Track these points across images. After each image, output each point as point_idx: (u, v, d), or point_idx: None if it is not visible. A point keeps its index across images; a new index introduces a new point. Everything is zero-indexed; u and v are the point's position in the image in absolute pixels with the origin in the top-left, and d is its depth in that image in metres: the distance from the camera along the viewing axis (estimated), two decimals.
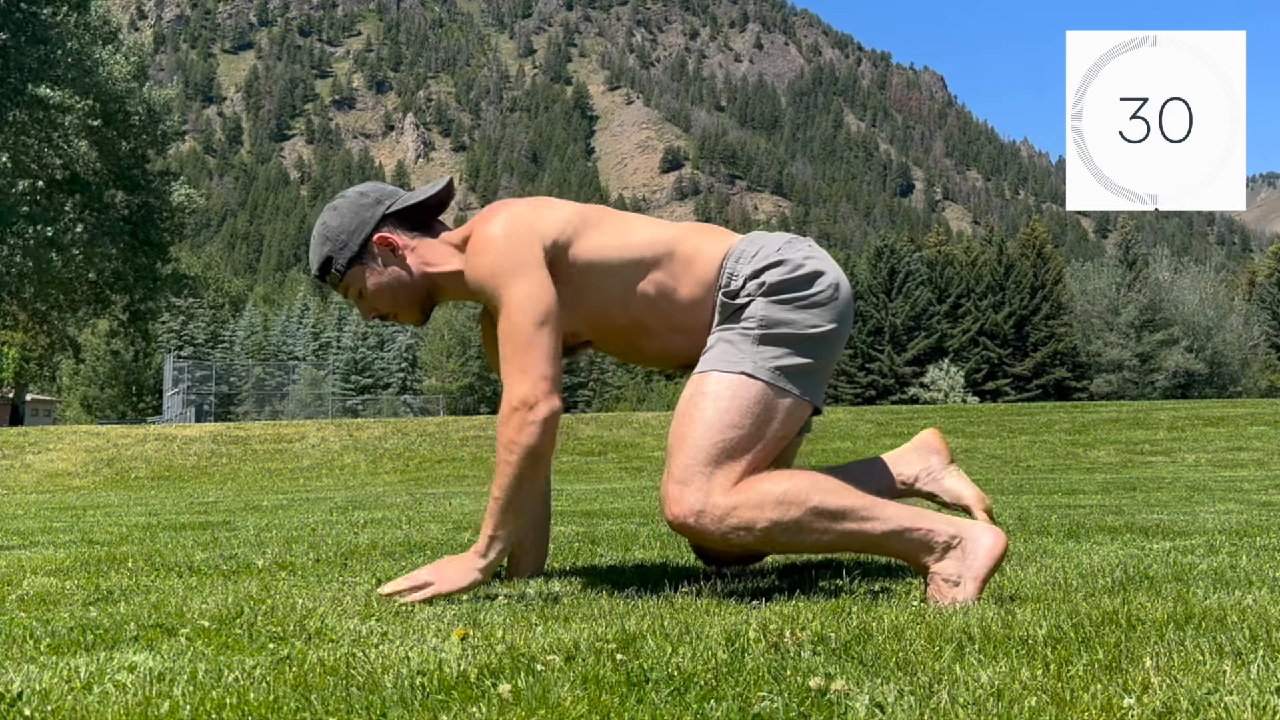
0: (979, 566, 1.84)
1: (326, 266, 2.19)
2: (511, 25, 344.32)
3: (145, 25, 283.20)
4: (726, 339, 2.02)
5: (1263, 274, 62.80)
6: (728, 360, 1.99)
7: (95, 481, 13.70)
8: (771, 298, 2.00)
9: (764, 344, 1.98)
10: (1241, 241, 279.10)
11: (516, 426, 1.95)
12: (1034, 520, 3.77)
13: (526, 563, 2.35)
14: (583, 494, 7.10)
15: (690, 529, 1.91)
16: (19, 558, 3.13)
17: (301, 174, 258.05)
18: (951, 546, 1.86)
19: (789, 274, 2.01)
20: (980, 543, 1.86)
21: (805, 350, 2.00)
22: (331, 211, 2.20)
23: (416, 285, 2.18)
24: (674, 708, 1.15)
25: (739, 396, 1.95)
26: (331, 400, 52.24)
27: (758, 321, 1.99)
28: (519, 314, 1.98)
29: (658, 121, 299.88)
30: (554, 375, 1.98)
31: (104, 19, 26.77)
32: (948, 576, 1.85)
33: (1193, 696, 1.12)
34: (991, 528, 1.89)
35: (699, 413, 1.96)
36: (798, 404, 2.00)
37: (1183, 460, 13.00)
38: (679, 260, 2.07)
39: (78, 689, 1.31)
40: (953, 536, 1.87)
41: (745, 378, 1.96)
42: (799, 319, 1.99)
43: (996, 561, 1.85)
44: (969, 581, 1.84)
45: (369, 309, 2.23)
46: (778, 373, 1.97)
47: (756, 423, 1.95)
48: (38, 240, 23.17)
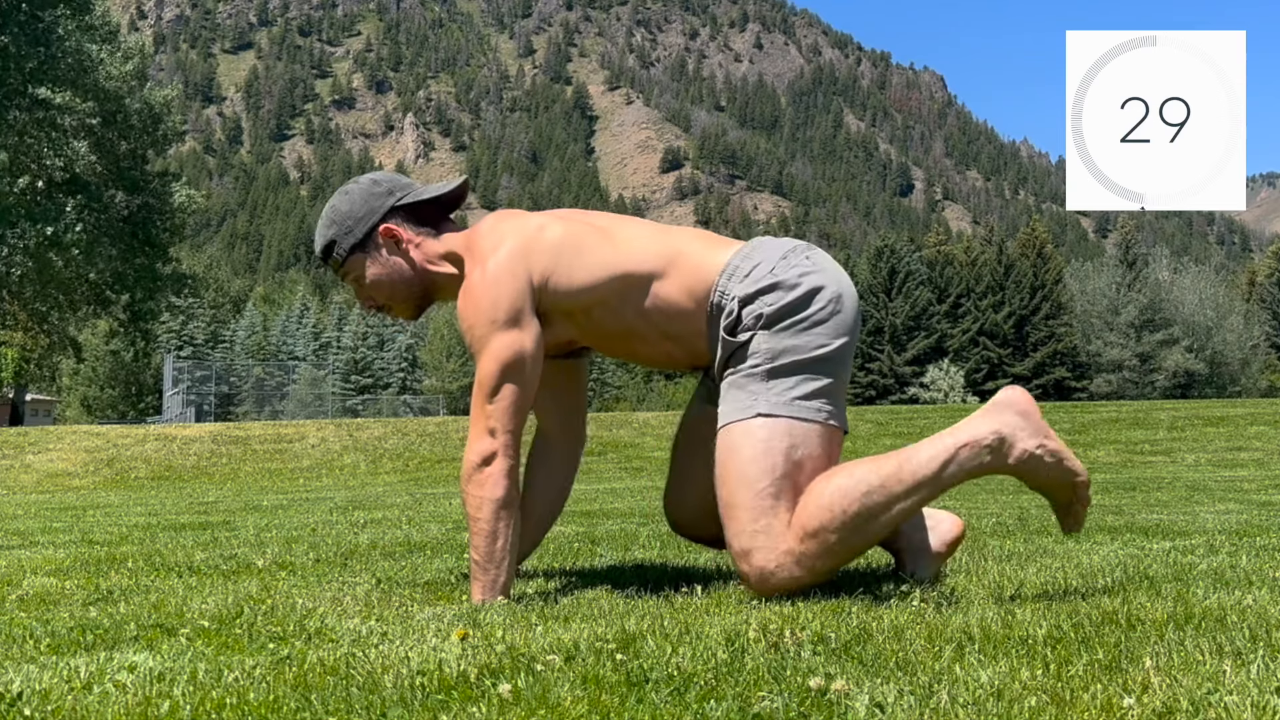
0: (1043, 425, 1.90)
1: (329, 250, 2.19)
2: (511, 25, 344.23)
3: (145, 25, 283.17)
4: (736, 384, 1.99)
5: (1263, 274, 62.81)
6: (741, 407, 1.96)
7: (95, 481, 13.69)
8: (771, 329, 1.97)
9: (773, 378, 1.95)
10: (1241, 241, 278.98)
11: (479, 483, 1.99)
12: (1034, 520, 3.77)
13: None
14: (583, 494, 7.10)
15: (778, 588, 1.91)
16: (19, 558, 3.13)
17: (301, 174, 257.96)
18: (1001, 436, 1.88)
19: (785, 298, 1.97)
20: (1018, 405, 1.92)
21: (817, 372, 1.96)
22: (343, 195, 2.20)
23: (415, 281, 2.18)
24: (674, 708, 1.15)
25: (762, 440, 1.93)
26: (331, 400, 52.23)
27: (763, 356, 1.96)
28: (492, 364, 2.00)
29: (658, 121, 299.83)
30: (516, 429, 2.01)
31: (104, 19, 26.77)
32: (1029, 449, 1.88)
33: (1193, 696, 1.12)
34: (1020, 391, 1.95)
35: (730, 474, 1.94)
36: (824, 430, 1.97)
37: (1183, 460, 13.00)
38: (671, 272, 2.05)
39: (78, 689, 1.31)
40: (993, 431, 1.89)
41: (762, 419, 1.94)
42: (803, 342, 1.96)
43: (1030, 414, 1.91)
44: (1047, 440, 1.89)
45: (366, 297, 2.23)
46: (795, 404, 1.95)
47: (788, 459, 1.92)
48: (38, 240, 23.17)
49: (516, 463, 2.01)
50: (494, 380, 2.00)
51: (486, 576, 2.00)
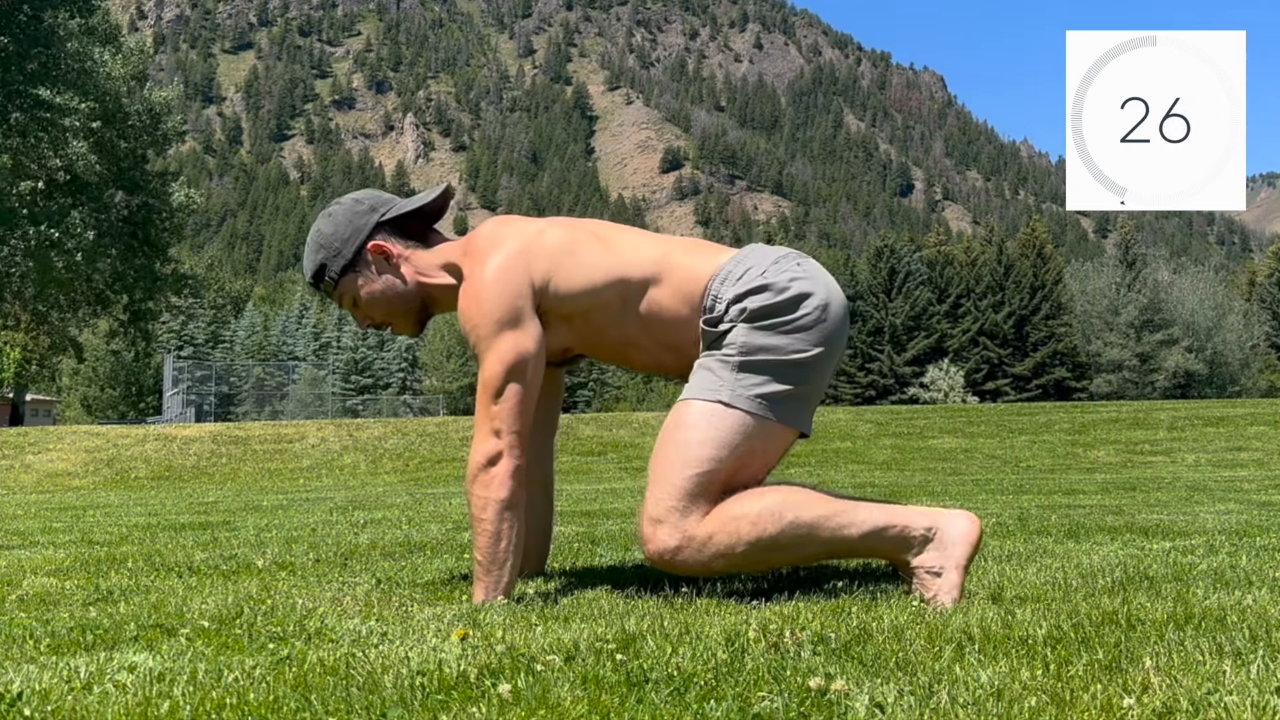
0: (958, 554, 1.85)
1: (320, 274, 2.18)
2: (511, 25, 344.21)
3: (145, 25, 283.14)
4: (707, 365, 2.00)
5: (1263, 274, 62.80)
6: (706, 389, 1.97)
7: (95, 482, 13.69)
8: (753, 324, 1.97)
9: (743, 371, 1.96)
10: (1241, 241, 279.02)
11: (484, 484, 1.98)
12: (1034, 520, 3.77)
13: (528, 562, 2.35)
14: (583, 494, 7.10)
15: (671, 565, 1.92)
16: (19, 558, 3.13)
17: (301, 174, 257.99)
18: (929, 539, 1.87)
19: (773, 299, 1.97)
20: (955, 530, 1.87)
21: (788, 376, 1.96)
22: (326, 218, 2.19)
23: (410, 295, 2.17)
24: (674, 708, 1.15)
25: (715, 427, 1.93)
26: (331, 400, 52.22)
27: (738, 349, 1.96)
28: (496, 365, 1.99)
29: (658, 121, 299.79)
30: (522, 430, 2.00)
31: (104, 19, 26.78)
32: (929, 568, 1.86)
33: (1193, 696, 1.12)
34: (965, 513, 1.90)
35: (675, 446, 1.95)
36: (780, 430, 1.98)
37: (1183, 460, 13.00)
38: (666, 279, 2.05)
39: (78, 689, 1.30)
40: (928, 528, 1.88)
41: (723, 407, 1.94)
42: (782, 344, 1.96)
43: (974, 546, 1.87)
44: (951, 570, 1.84)
45: (363, 317, 2.21)
46: (758, 401, 1.95)
47: (734, 453, 1.93)
48: (39, 241, 23.18)
49: (522, 463, 2.01)
50: (498, 381, 1.99)
51: (489, 578, 2.00)
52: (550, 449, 2.39)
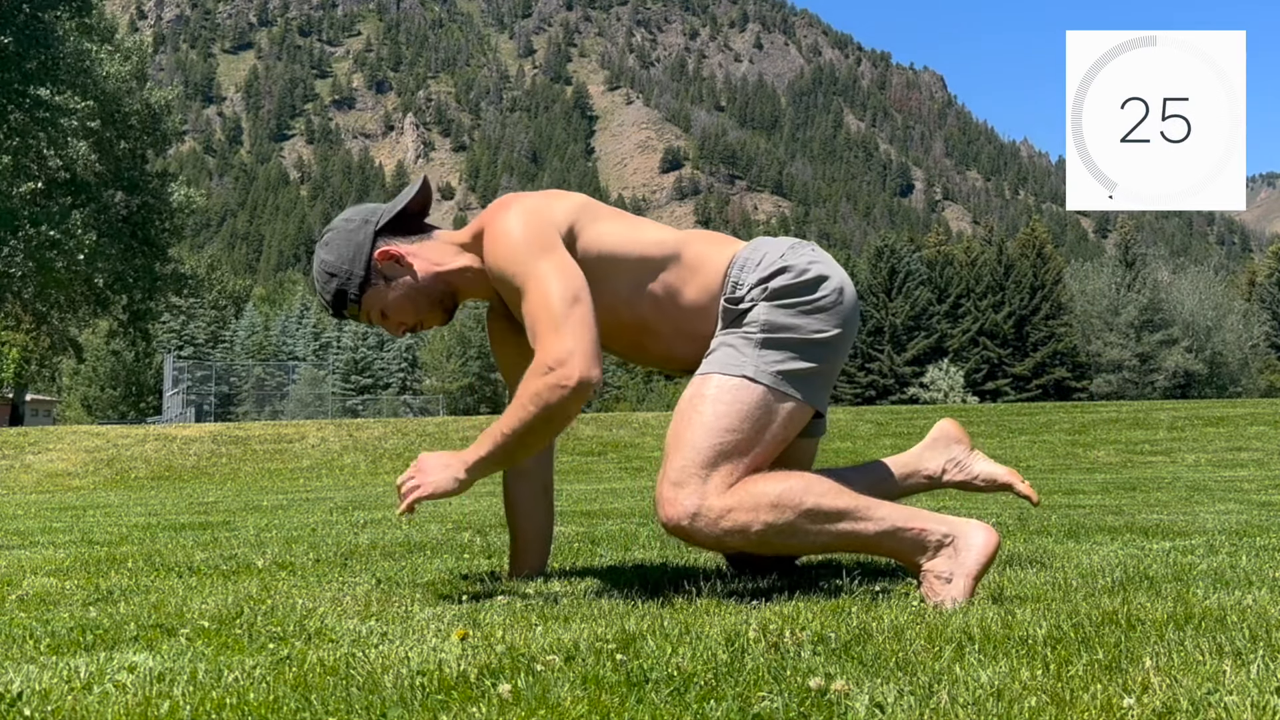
0: (971, 564, 1.84)
1: (341, 300, 2.17)
2: (511, 25, 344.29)
3: (145, 25, 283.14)
4: (729, 342, 2.00)
5: (1263, 274, 62.84)
6: (729, 363, 1.98)
7: (95, 482, 13.70)
8: (775, 302, 1.99)
9: (766, 348, 1.97)
10: (1241, 241, 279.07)
11: (547, 384, 1.88)
12: (1034, 520, 3.77)
13: (527, 562, 2.35)
14: (583, 494, 7.10)
15: (685, 531, 1.90)
16: (19, 558, 3.13)
17: (301, 174, 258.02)
18: (944, 544, 1.87)
19: (793, 279, 2.00)
20: (973, 540, 1.86)
21: (809, 355, 1.99)
22: (324, 248, 2.18)
23: (431, 288, 2.16)
24: (674, 708, 1.15)
25: (739, 400, 1.94)
26: (331, 400, 52.23)
27: (760, 326, 1.98)
28: (547, 293, 1.92)
29: (657, 121, 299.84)
30: (591, 346, 1.89)
31: (103, 19, 26.78)
32: (940, 574, 1.85)
33: (1193, 696, 1.12)
34: (985, 526, 1.89)
35: (698, 415, 1.94)
36: (799, 408, 1.99)
37: (1183, 460, 13.00)
38: (686, 264, 2.07)
39: (78, 689, 1.30)
40: (945, 535, 1.87)
41: (746, 381, 1.95)
42: (803, 324, 1.99)
43: (989, 559, 1.85)
44: (961, 579, 1.83)
45: (397, 324, 2.20)
46: (779, 377, 1.96)
47: (756, 426, 1.94)
48: (39, 242, 23.19)
49: (589, 380, 1.88)
50: (554, 301, 1.91)
51: (493, 455, 1.94)
52: (550, 450, 2.39)
